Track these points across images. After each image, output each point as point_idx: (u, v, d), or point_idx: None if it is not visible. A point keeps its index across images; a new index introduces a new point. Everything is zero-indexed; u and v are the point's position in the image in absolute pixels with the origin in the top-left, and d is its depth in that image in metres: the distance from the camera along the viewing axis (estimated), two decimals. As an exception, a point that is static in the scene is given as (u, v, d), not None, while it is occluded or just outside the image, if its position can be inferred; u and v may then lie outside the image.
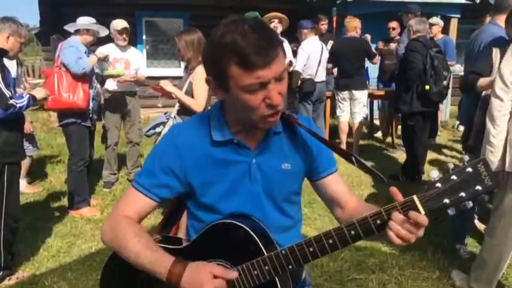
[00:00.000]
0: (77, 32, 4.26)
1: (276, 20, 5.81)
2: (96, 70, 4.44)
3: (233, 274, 1.16)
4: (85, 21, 4.33)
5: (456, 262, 3.32)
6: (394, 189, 1.08)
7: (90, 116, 4.24)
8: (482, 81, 3.00)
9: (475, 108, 3.07)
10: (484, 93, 2.95)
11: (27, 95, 3.04)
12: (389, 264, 3.31)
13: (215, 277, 1.13)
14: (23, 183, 5.25)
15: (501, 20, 3.65)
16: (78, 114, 4.12)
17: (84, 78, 4.11)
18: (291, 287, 1.23)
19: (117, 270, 1.36)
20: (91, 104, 4.18)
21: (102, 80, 4.66)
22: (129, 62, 4.95)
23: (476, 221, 3.87)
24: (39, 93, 3.24)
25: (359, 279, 3.14)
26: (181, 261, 1.17)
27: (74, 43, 4.17)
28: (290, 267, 1.15)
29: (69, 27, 4.32)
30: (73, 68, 4.01)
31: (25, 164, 5.19)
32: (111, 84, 4.88)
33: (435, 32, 6.23)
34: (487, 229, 2.87)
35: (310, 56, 5.95)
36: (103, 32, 4.44)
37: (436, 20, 6.44)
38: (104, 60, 4.49)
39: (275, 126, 1.27)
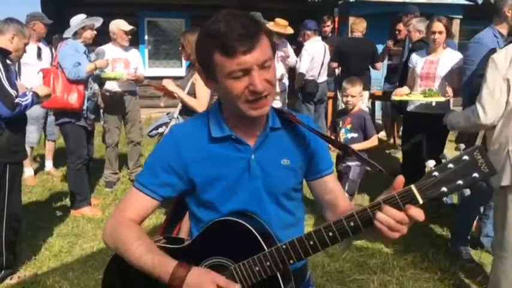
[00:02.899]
0: (75, 34, 4.31)
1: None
2: (96, 71, 4.45)
3: (235, 286, 1.16)
4: (77, 20, 4.36)
5: (458, 263, 3.32)
6: (399, 180, 1.06)
7: (85, 116, 4.24)
8: None
9: None
10: None
11: (30, 93, 3.06)
12: (390, 265, 3.31)
13: (217, 286, 1.14)
14: (49, 165, 5.60)
15: (499, 25, 3.53)
16: (72, 114, 4.15)
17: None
18: (292, 283, 1.22)
19: (120, 271, 1.36)
20: (86, 104, 4.19)
21: (101, 81, 4.66)
22: (129, 61, 4.97)
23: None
24: (41, 90, 3.25)
25: (360, 279, 3.14)
26: (184, 264, 1.17)
27: (73, 44, 4.21)
28: (291, 261, 1.15)
29: (68, 34, 4.35)
30: (69, 74, 4.05)
31: (51, 148, 5.61)
32: (111, 85, 4.89)
33: None
34: (494, 245, 2.75)
35: (314, 57, 5.96)
36: (98, 22, 4.47)
37: None
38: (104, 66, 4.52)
39: (273, 122, 1.28)
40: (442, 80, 4.04)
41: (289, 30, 6.12)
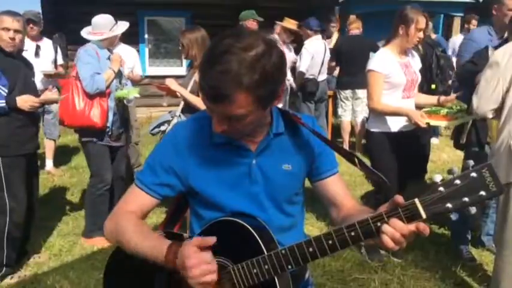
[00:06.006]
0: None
1: (278, 27, 5.89)
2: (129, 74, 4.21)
3: (212, 239, 1.12)
4: (103, 21, 3.73)
5: (459, 262, 3.31)
6: (398, 197, 1.06)
7: (110, 133, 3.62)
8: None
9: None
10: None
11: (4, 102, 2.86)
12: (391, 264, 3.30)
13: (199, 249, 1.11)
14: (49, 164, 5.56)
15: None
16: (94, 132, 3.56)
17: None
18: (290, 286, 1.22)
19: (120, 266, 1.36)
20: (110, 120, 3.59)
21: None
22: (124, 61, 4.90)
23: None
24: (22, 102, 2.93)
25: (361, 278, 3.13)
26: (177, 243, 1.17)
27: (91, 51, 3.60)
28: (289, 267, 1.15)
29: (86, 35, 3.71)
30: (86, 87, 3.46)
31: (51, 147, 5.55)
32: None
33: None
34: (495, 242, 2.75)
35: (314, 56, 5.95)
36: (124, 27, 3.91)
37: None
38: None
39: (277, 128, 1.28)
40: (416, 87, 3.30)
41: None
